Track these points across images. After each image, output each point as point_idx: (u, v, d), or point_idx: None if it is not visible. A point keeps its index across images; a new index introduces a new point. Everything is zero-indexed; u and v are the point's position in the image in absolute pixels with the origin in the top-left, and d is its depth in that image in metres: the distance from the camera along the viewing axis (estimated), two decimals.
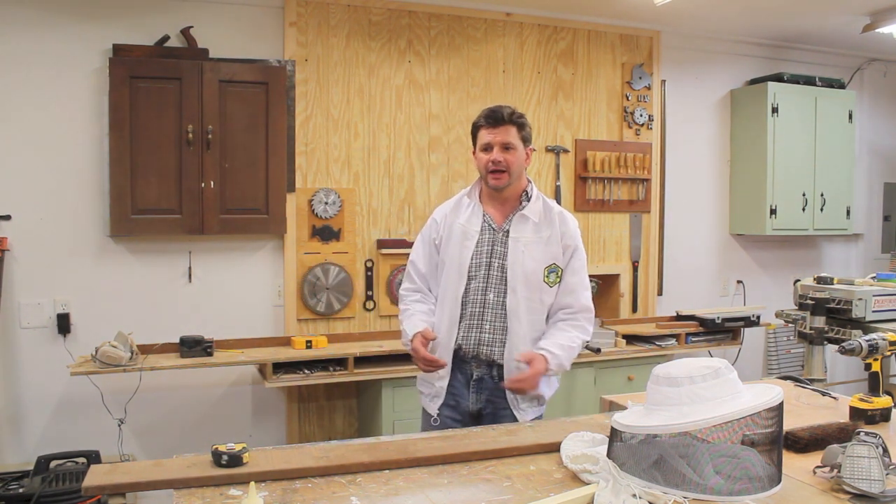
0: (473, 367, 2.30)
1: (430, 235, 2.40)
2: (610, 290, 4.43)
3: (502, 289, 2.27)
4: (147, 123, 3.34)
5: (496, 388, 2.28)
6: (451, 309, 2.29)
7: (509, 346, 2.26)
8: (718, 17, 4.32)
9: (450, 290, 2.30)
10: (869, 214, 5.32)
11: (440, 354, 2.28)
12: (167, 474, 1.60)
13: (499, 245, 2.29)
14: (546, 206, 2.34)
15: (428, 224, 2.44)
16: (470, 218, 2.33)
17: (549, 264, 2.29)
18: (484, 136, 2.29)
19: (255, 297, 3.70)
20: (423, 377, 2.38)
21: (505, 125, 2.27)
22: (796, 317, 3.78)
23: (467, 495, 1.54)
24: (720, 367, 1.55)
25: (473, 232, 2.31)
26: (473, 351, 2.28)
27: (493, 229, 2.31)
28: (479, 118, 2.32)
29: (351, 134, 3.82)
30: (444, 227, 2.37)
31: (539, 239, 2.29)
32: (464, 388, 2.31)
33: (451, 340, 2.29)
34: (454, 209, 2.38)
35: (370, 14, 3.83)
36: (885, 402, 2.01)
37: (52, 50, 3.32)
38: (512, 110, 2.29)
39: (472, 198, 2.36)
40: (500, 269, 2.27)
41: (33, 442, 3.34)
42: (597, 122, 4.37)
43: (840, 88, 4.86)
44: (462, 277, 2.28)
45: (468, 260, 2.29)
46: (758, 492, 1.48)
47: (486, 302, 2.28)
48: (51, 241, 3.36)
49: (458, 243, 2.31)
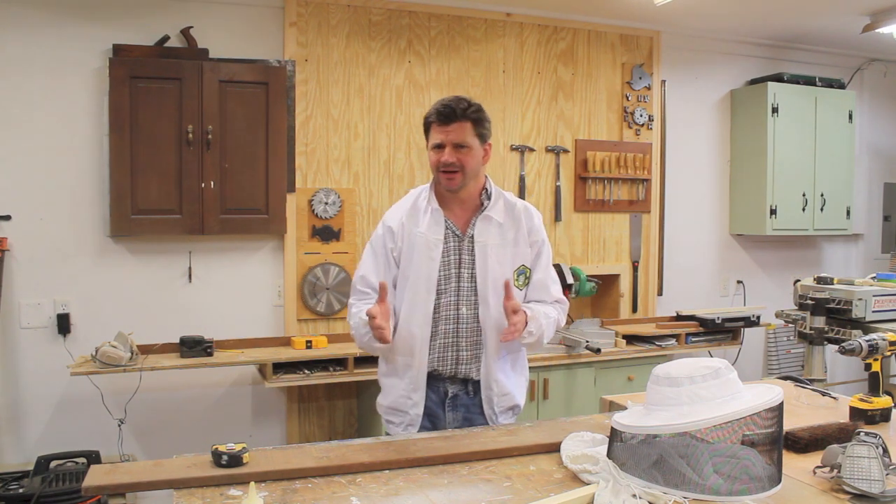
0: (448, 384, 2.15)
1: (386, 246, 2.13)
2: (610, 290, 4.42)
3: (473, 300, 2.10)
4: (147, 123, 3.34)
5: (472, 405, 2.16)
6: (422, 328, 2.08)
7: (486, 360, 2.12)
8: (718, 17, 4.32)
9: (418, 307, 2.08)
10: (869, 214, 5.32)
11: (412, 379, 2.11)
12: (167, 474, 1.60)
13: (466, 253, 2.11)
14: (508, 204, 2.16)
15: (379, 233, 2.15)
16: (431, 225, 2.10)
17: (517, 266, 2.14)
18: (435, 134, 2.06)
19: (255, 298, 3.70)
20: (392, 405, 2.16)
21: (458, 122, 2.03)
22: (796, 317, 3.78)
23: (467, 495, 1.54)
24: (720, 368, 1.55)
25: (437, 241, 2.09)
26: (451, 372, 2.13)
27: (458, 236, 2.11)
28: (430, 113, 2.07)
29: (351, 134, 3.82)
30: (403, 236, 2.11)
31: (505, 241, 2.13)
32: (439, 408, 2.15)
33: (423, 363, 2.10)
34: (411, 215, 2.12)
35: (370, 14, 3.84)
36: (885, 402, 2.01)
37: (52, 50, 3.32)
38: (467, 104, 2.05)
39: (429, 202, 2.12)
40: (469, 279, 2.10)
41: (33, 442, 3.34)
42: (597, 122, 4.37)
43: (840, 88, 4.86)
44: (431, 293, 2.07)
45: (436, 273, 2.08)
46: (758, 492, 1.48)
47: (459, 318, 2.10)
48: (51, 241, 3.36)
49: (422, 255, 2.08)
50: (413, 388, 2.12)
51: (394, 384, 2.16)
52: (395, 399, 2.15)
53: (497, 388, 2.15)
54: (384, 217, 2.18)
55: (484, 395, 2.15)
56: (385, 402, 2.19)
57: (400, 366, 2.14)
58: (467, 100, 2.06)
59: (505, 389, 2.17)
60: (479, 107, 2.07)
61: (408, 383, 2.13)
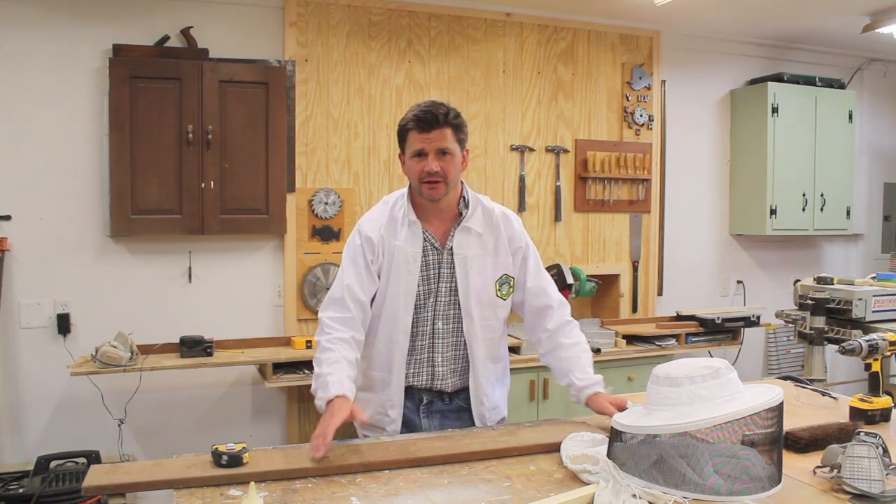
0: (423, 393, 2.10)
1: (366, 257, 2.02)
2: (610, 290, 4.42)
3: (452, 314, 2.05)
4: (147, 123, 3.34)
5: (448, 410, 2.12)
6: (400, 344, 2.03)
7: (474, 374, 2.08)
8: (718, 17, 4.32)
9: (398, 323, 2.02)
10: (869, 214, 5.32)
11: (389, 396, 2.06)
12: (167, 474, 1.60)
13: (445, 267, 2.04)
14: (486, 212, 2.09)
15: (357, 243, 2.04)
16: (409, 238, 2.02)
17: (499, 276, 2.08)
18: (415, 142, 1.97)
19: (255, 297, 3.70)
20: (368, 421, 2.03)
21: (439, 128, 1.95)
22: (796, 317, 3.78)
23: (467, 495, 1.54)
24: (720, 368, 1.55)
25: (415, 254, 2.02)
26: (426, 385, 2.09)
27: (437, 249, 2.04)
28: (408, 120, 1.99)
29: (351, 134, 3.82)
30: (383, 249, 2.03)
31: (485, 252, 2.06)
32: (414, 415, 2.10)
33: (401, 379, 2.05)
34: (389, 227, 2.04)
35: (370, 14, 3.83)
36: (885, 402, 2.01)
37: (52, 50, 3.32)
38: (447, 109, 1.97)
39: (406, 212, 2.04)
40: (448, 293, 2.04)
41: (33, 442, 3.34)
42: (597, 122, 4.37)
43: (840, 88, 4.86)
44: (409, 309, 2.01)
45: (415, 287, 2.01)
46: (758, 492, 1.48)
47: (434, 332, 2.05)
48: (51, 241, 3.35)
49: (400, 269, 2.01)
50: (390, 405, 2.07)
51: (369, 398, 2.09)
52: (372, 415, 2.07)
53: (488, 403, 2.12)
54: (359, 226, 2.06)
55: (475, 410, 2.11)
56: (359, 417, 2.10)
57: (377, 381, 2.09)
58: (445, 105, 1.99)
59: (494, 403, 2.15)
60: (458, 112, 2.01)
61: (385, 399, 2.07)
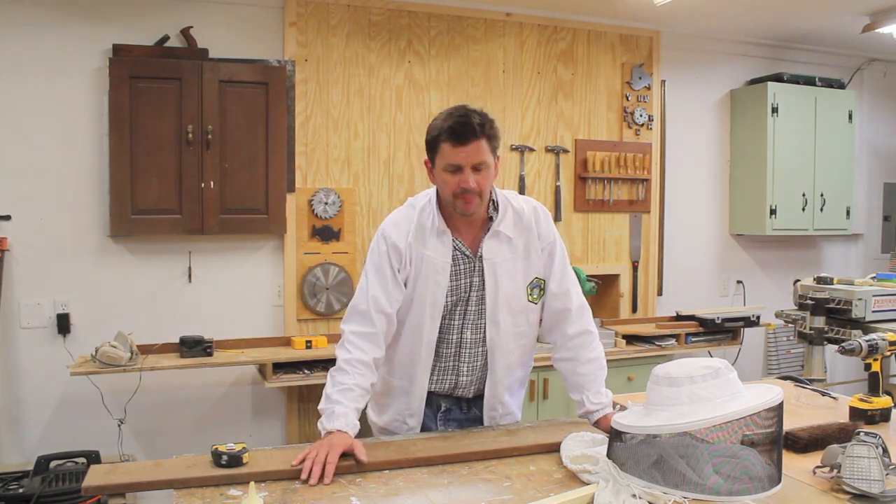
0: (442, 400, 2.07)
1: (393, 266, 1.92)
2: (610, 290, 4.42)
3: (480, 323, 1.98)
4: (147, 123, 3.34)
5: (465, 419, 2.09)
6: (424, 355, 1.97)
7: (491, 382, 2.03)
8: (718, 17, 4.32)
9: (424, 333, 1.95)
10: (869, 214, 5.32)
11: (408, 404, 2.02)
12: (167, 474, 1.60)
13: (476, 275, 1.96)
14: (516, 213, 1.99)
15: (384, 250, 1.92)
16: (438, 247, 1.93)
17: (530, 280, 2.00)
18: (450, 155, 1.83)
19: (254, 297, 3.70)
20: (386, 426, 2.06)
21: (476, 141, 1.81)
22: (796, 317, 3.78)
23: (467, 495, 1.54)
24: (720, 368, 1.55)
25: (444, 264, 1.93)
26: (448, 392, 2.05)
27: (468, 257, 1.96)
28: (442, 130, 1.83)
29: (351, 134, 3.82)
30: (411, 258, 1.93)
31: (516, 256, 1.98)
32: (431, 422, 2.07)
33: (423, 388, 2.01)
34: (417, 234, 1.93)
35: (370, 14, 3.83)
36: (885, 402, 2.01)
37: (52, 50, 3.32)
38: (482, 119, 1.83)
39: (435, 221, 1.93)
40: (478, 302, 1.97)
41: (33, 442, 3.34)
42: (597, 122, 4.37)
43: (840, 88, 4.86)
44: (435, 319, 1.94)
45: (443, 299, 1.93)
46: (758, 492, 1.48)
47: (461, 342, 1.99)
48: (51, 241, 3.35)
49: (428, 279, 1.92)
50: (409, 414, 2.04)
51: (388, 404, 2.07)
52: (390, 421, 2.07)
53: (502, 409, 2.09)
54: (384, 231, 1.95)
55: (487, 414, 2.08)
56: (379, 422, 2.10)
57: (396, 389, 2.05)
58: (478, 112, 1.85)
59: (509, 409, 2.11)
60: (492, 119, 1.88)
61: (404, 407, 2.04)
